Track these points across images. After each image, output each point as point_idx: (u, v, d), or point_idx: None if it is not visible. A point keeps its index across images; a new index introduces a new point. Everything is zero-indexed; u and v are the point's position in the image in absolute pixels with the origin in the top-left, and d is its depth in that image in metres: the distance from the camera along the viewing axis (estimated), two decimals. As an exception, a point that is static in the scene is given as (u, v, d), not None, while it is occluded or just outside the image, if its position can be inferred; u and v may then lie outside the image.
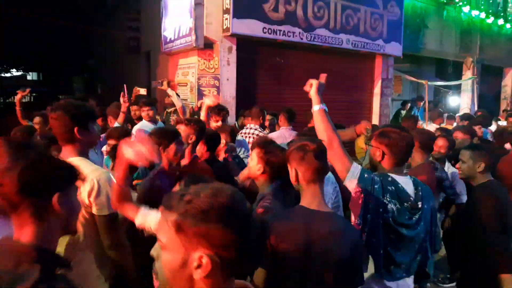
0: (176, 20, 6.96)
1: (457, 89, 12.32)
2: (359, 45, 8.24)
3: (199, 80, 6.55)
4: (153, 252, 1.38)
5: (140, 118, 4.73)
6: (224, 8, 6.39)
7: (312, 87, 2.21)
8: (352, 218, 2.10)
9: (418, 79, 10.80)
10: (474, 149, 2.86)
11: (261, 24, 6.65)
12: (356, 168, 2.08)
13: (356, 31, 8.13)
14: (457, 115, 9.98)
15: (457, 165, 2.96)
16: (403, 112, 9.74)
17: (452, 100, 12.12)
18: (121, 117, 4.31)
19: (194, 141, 2.90)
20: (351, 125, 3.89)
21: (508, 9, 12.85)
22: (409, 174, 2.31)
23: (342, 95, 8.49)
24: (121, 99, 4.31)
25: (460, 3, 10.87)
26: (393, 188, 2.06)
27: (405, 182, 2.11)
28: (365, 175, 2.06)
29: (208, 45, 6.44)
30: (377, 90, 9.39)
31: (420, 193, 2.12)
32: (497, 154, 3.76)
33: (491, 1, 12.09)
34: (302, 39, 7.25)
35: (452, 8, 10.87)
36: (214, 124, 4.03)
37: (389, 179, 2.09)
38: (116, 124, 4.22)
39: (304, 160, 1.83)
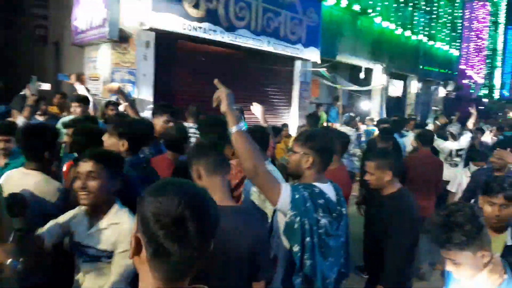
0: (89, 9, 6.47)
1: (368, 94, 13.20)
2: (279, 48, 8.41)
3: (113, 75, 6.16)
4: None
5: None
6: (142, 0, 6.09)
7: (222, 102, 1.92)
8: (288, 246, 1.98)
9: (334, 83, 11.36)
10: (379, 159, 2.77)
11: (181, 19, 6.45)
12: (286, 190, 1.89)
13: (276, 34, 8.28)
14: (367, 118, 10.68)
15: (366, 177, 2.86)
16: (319, 113, 10.16)
17: (364, 105, 12.95)
18: (27, 111, 3.86)
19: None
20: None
21: (414, 22, 14.11)
22: (328, 177, 2.18)
23: (262, 96, 8.60)
24: (27, 92, 3.87)
25: (373, 14, 11.66)
26: (323, 201, 1.94)
27: (328, 189, 2.03)
28: (296, 196, 1.89)
29: (123, 38, 6.09)
30: (295, 92, 9.67)
31: (341, 198, 2.09)
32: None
33: (400, 14, 13.17)
34: (223, 37, 7.19)
35: (365, 18, 11.61)
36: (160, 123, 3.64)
37: (317, 190, 1.96)
38: (20, 119, 3.76)
39: (200, 155, 1.85)
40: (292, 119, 9.51)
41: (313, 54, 9.34)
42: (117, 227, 1.91)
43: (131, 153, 2.60)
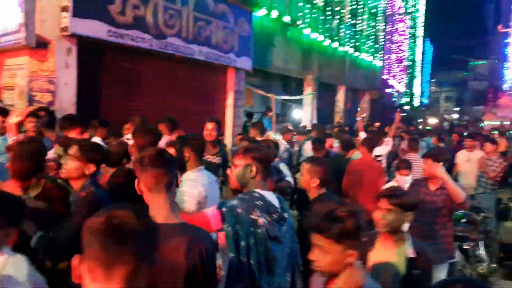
0: (3, 13, 5.96)
1: (300, 103, 13.62)
2: (211, 56, 8.38)
3: (30, 84, 5.72)
4: None
5: None
6: (63, 5, 5.74)
7: None
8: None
9: (267, 93, 11.56)
10: (312, 163, 2.92)
11: (107, 26, 6.18)
12: (212, 213, 2.07)
13: (208, 43, 8.26)
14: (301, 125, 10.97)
15: (297, 175, 3.10)
16: (249, 123, 10.26)
17: (296, 113, 13.33)
18: None
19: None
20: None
21: (341, 34, 14.85)
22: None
23: (196, 105, 8.50)
24: None
25: (302, 25, 12.08)
26: (261, 203, 2.07)
27: (271, 196, 2.17)
28: (224, 210, 2.05)
29: (41, 44, 5.68)
30: (229, 101, 9.69)
31: (284, 206, 2.22)
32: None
33: (327, 26, 13.80)
34: (152, 45, 7.00)
35: (295, 29, 12.01)
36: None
37: (256, 194, 2.10)
38: None
39: (144, 168, 1.76)
40: (226, 129, 9.51)
41: (246, 64, 9.44)
42: None
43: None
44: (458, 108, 50.52)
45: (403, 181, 4.55)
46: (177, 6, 7.44)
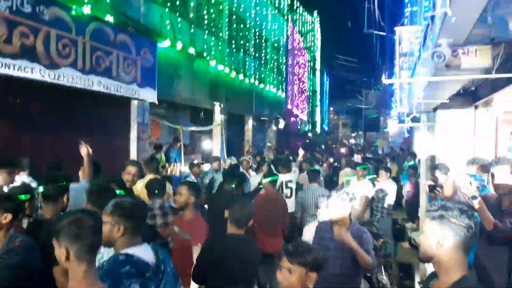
0: None
1: (209, 133, 13.56)
2: (112, 88, 7.92)
3: None
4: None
5: None
6: None
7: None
8: None
9: (175, 124, 11.28)
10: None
11: (-13, 55, 5.48)
12: None
13: (108, 73, 7.80)
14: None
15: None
16: (158, 156, 9.89)
17: (206, 144, 13.21)
18: None
19: None
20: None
21: (246, 67, 15.30)
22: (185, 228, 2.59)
23: (97, 139, 7.86)
24: None
25: (208, 57, 12.17)
26: (127, 267, 1.94)
27: (144, 251, 2.07)
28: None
29: None
30: (133, 134, 9.22)
31: (161, 256, 2.14)
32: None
33: (233, 58, 14.11)
34: (43, 76, 6.38)
35: (201, 61, 12.04)
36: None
37: (121, 258, 1.99)
38: None
39: (79, 236, 1.64)
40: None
41: (150, 95, 9.11)
42: None
43: None
44: (354, 134, 55.12)
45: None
46: (72, 35, 6.94)
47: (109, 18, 7.74)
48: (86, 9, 7.14)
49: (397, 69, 9.71)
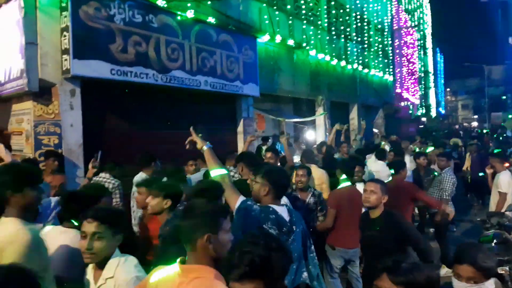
0: (6, 61, 6.04)
1: (312, 124, 13.41)
2: (218, 86, 8.31)
3: (36, 128, 5.70)
4: None
5: None
6: (63, 48, 5.77)
7: (192, 135, 3.03)
8: None
9: (278, 116, 11.43)
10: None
11: (109, 65, 6.18)
12: (239, 201, 2.62)
13: (213, 73, 8.20)
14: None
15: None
16: (263, 148, 10.06)
17: (309, 135, 13.10)
18: None
19: None
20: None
21: (348, 53, 14.74)
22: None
23: (206, 136, 8.36)
24: None
25: (308, 48, 12.01)
26: (273, 216, 2.48)
27: (282, 211, 2.57)
28: (241, 206, 2.58)
29: (45, 88, 5.69)
30: (240, 128, 9.57)
31: (294, 218, 2.59)
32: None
33: (333, 45, 13.71)
34: (157, 80, 6.98)
35: (301, 52, 11.93)
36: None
37: (270, 209, 2.52)
38: None
39: None
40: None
41: (253, 90, 9.35)
42: (113, 281, 2.00)
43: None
44: (476, 116, 49.40)
45: None
46: (178, 40, 7.44)
47: (211, 19, 8.12)
48: (190, 14, 7.59)
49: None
